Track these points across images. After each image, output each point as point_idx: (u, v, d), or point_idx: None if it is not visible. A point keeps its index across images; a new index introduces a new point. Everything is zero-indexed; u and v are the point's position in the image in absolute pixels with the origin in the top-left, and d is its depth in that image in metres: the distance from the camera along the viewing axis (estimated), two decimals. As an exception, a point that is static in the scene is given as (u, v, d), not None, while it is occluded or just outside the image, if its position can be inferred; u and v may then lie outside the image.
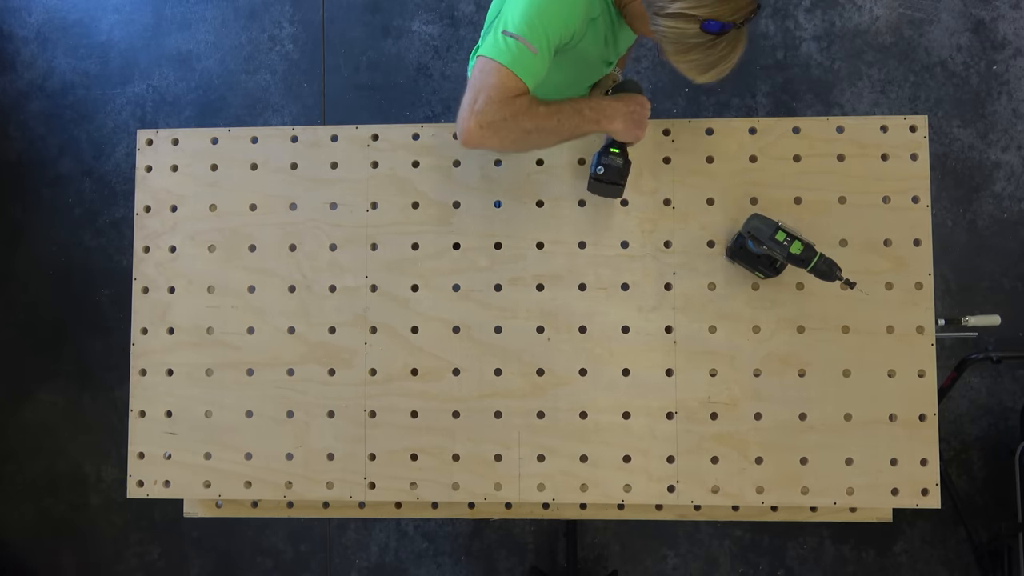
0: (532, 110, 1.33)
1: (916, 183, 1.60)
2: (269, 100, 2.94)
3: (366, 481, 1.64)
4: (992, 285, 2.71)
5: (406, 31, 2.93)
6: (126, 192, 2.93)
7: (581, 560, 2.69)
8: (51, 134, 2.98)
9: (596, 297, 1.63)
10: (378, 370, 1.65)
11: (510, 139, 1.33)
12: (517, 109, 1.31)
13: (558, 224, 1.64)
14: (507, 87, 1.29)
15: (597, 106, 1.42)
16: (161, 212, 1.72)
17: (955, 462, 2.66)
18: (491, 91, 1.29)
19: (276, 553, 2.77)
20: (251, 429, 1.66)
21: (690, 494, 1.59)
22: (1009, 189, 2.74)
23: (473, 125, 1.29)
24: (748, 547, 2.67)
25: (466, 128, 1.30)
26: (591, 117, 1.41)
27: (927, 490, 1.57)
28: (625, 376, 1.61)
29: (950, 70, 2.79)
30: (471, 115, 1.29)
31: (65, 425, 2.87)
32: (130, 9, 3.01)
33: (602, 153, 1.49)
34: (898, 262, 1.58)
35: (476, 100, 1.29)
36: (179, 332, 1.69)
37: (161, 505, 2.76)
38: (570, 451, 1.61)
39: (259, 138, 1.71)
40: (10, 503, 2.86)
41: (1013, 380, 2.68)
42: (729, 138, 1.62)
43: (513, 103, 1.30)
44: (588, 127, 1.42)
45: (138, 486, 1.69)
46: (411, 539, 2.74)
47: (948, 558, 2.64)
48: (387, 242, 1.67)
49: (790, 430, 1.58)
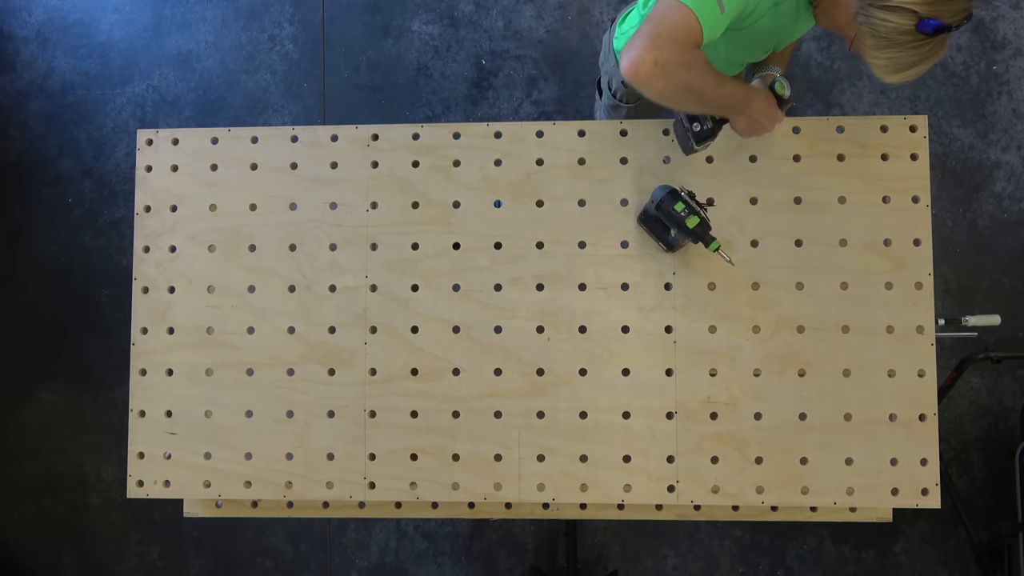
0: (705, 69, 1.29)
1: (916, 183, 1.60)
2: (269, 100, 2.94)
3: (366, 481, 1.64)
4: (992, 285, 2.71)
5: (406, 31, 2.93)
6: (126, 192, 2.93)
7: (581, 560, 2.69)
8: (51, 134, 2.98)
9: (596, 297, 1.63)
10: (378, 370, 1.65)
11: (672, 88, 1.28)
12: (693, 60, 1.26)
13: (558, 224, 1.64)
14: (693, 33, 1.25)
15: (747, 99, 1.41)
16: (161, 212, 1.72)
17: (955, 462, 2.66)
18: (678, 31, 1.24)
19: (276, 553, 2.77)
20: (251, 429, 1.66)
21: (690, 494, 1.59)
22: (1009, 189, 2.74)
23: (649, 59, 1.23)
24: (748, 547, 2.66)
25: (640, 59, 1.23)
26: (735, 106, 1.40)
27: (927, 490, 1.57)
28: (625, 376, 1.61)
29: (950, 70, 2.79)
30: (651, 48, 1.23)
31: (65, 425, 2.87)
32: (130, 9, 3.01)
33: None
34: (898, 262, 1.58)
35: (659, 35, 1.23)
36: (179, 332, 1.69)
37: (161, 505, 2.76)
38: (570, 451, 1.61)
39: (259, 138, 1.71)
40: (10, 503, 2.86)
41: (1013, 380, 2.68)
42: (729, 138, 1.62)
43: (694, 52, 1.26)
44: (726, 112, 1.42)
45: (138, 486, 1.69)
46: (411, 539, 2.74)
47: (948, 558, 2.64)
48: (387, 242, 1.67)
49: (790, 430, 1.58)
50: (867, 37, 1.26)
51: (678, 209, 1.47)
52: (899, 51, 1.25)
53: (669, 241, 1.56)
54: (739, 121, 1.45)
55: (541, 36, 2.90)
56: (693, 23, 1.24)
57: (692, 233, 1.47)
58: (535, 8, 2.91)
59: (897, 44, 1.24)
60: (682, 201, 1.47)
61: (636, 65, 1.25)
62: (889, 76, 1.30)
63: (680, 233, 1.49)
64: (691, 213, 1.46)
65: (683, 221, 1.46)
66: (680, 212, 1.46)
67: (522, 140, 1.66)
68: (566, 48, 2.89)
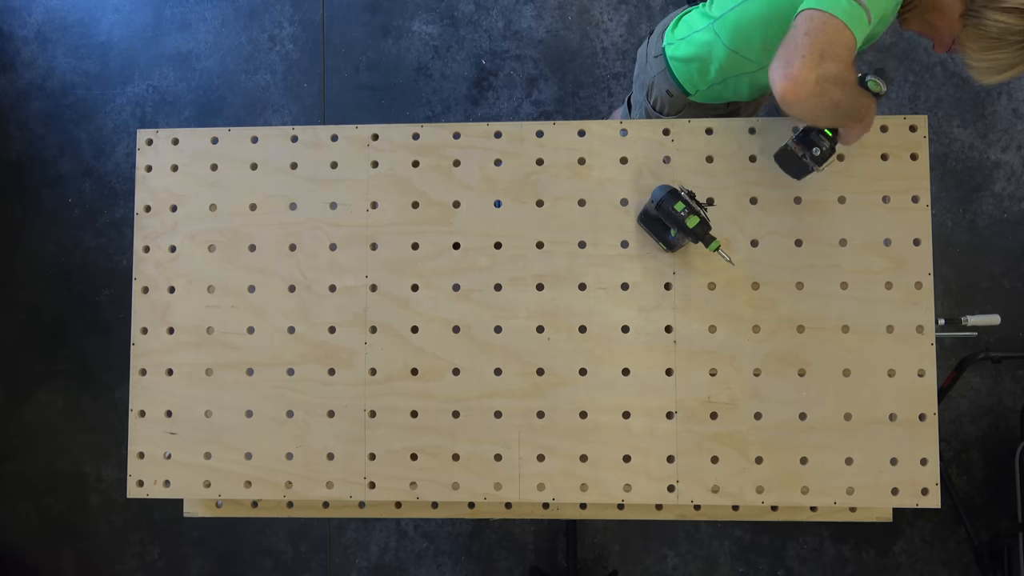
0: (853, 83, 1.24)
1: (916, 183, 1.60)
2: (269, 100, 2.94)
3: (366, 481, 1.64)
4: (992, 285, 2.71)
5: (406, 31, 2.93)
6: (126, 192, 2.93)
7: (581, 560, 2.69)
8: (51, 134, 2.98)
9: (596, 297, 1.63)
10: (378, 370, 1.65)
11: (822, 106, 1.22)
12: (848, 78, 1.21)
13: (558, 224, 1.64)
14: (852, 49, 1.19)
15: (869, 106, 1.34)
16: (161, 212, 1.72)
17: (955, 462, 2.66)
18: (839, 49, 1.17)
19: (276, 553, 2.77)
20: (251, 429, 1.66)
21: (690, 494, 1.59)
22: (1009, 189, 2.74)
23: (812, 79, 1.16)
24: (748, 547, 2.67)
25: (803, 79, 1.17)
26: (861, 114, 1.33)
27: (927, 490, 1.57)
28: (625, 376, 1.61)
29: (950, 70, 2.79)
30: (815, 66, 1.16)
31: (65, 425, 2.87)
32: (130, 9, 3.01)
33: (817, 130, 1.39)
34: (898, 262, 1.58)
35: (823, 54, 1.16)
36: (179, 332, 1.69)
37: (161, 505, 2.76)
38: (570, 451, 1.61)
39: (259, 138, 1.71)
40: (10, 503, 2.86)
41: (1013, 380, 2.68)
42: (729, 138, 1.62)
43: (850, 70, 1.20)
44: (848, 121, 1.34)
45: (138, 486, 1.69)
46: (411, 539, 2.74)
47: (948, 558, 2.64)
48: (387, 242, 1.67)
49: (790, 430, 1.58)
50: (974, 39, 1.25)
51: (678, 209, 1.46)
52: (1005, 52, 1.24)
53: (669, 241, 1.56)
54: (856, 130, 1.36)
55: (541, 36, 2.90)
56: (851, 40, 1.19)
57: (692, 233, 1.47)
58: (535, 8, 2.91)
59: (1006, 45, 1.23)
60: (682, 201, 1.47)
61: (796, 84, 1.18)
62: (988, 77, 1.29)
63: (680, 233, 1.49)
64: (691, 213, 1.46)
65: (683, 221, 1.46)
66: (680, 212, 1.46)
67: (522, 140, 1.66)
68: (566, 48, 2.89)
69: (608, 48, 2.89)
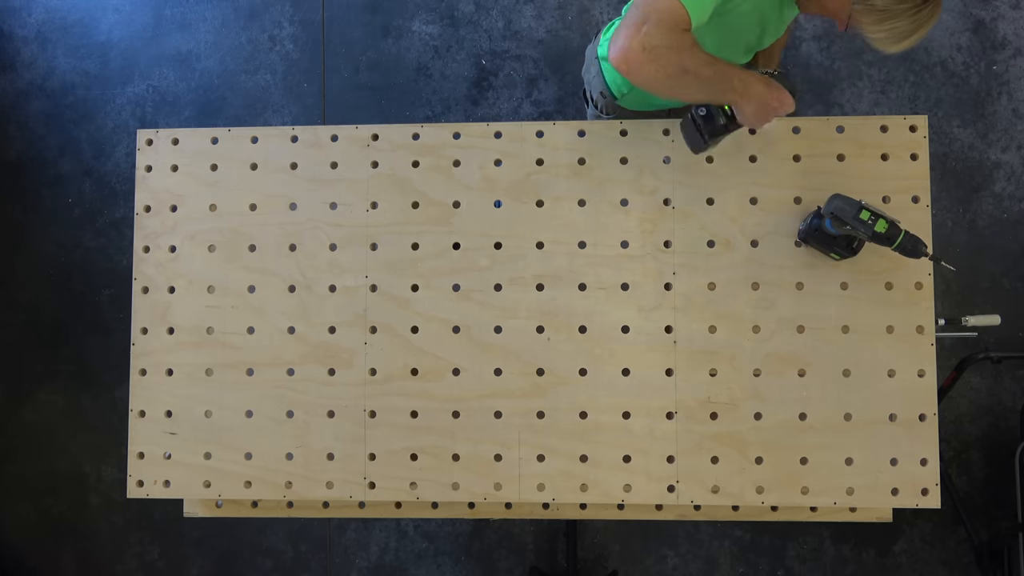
0: (694, 50, 1.27)
1: (916, 183, 1.60)
2: (269, 100, 2.94)
3: (366, 481, 1.64)
4: (992, 285, 2.71)
5: (406, 31, 2.93)
6: (126, 192, 2.93)
7: (581, 560, 2.68)
8: (51, 134, 2.98)
9: (596, 297, 1.63)
10: (378, 370, 1.65)
11: (665, 72, 1.26)
12: (682, 42, 1.25)
13: (558, 224, 1.64)
14: (677, 16, 1.24)
15: (746, 80, 1.35)
16: (161, 212, 1.72)
17: (955, 462, 2.66)
18: (662, 15, 1.23)
19: (276, 553, 2.77)
20: (251, 429, 1.66)
21: (690, 494, 1.59)
22: (1009, 189, 2.74)
23: (636, 45, 1.23)
24: (748, 547, 2.66)
25: (627, 47, 1.24)
26: (737, 87, 1.34)
27: (927, 490, 1.57)
28: (625, 376, 1.61)
29: (950, 70, 2.79)
30: (636, 34, 1.23)
31: (65, 425, 2.87)
32: (130, 9, 3.01)
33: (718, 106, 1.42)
34: (898, 262, 1.58)
35: (645, 21, 1.23)
36: (179, 332, 1.69)
37: (161, 505, 2.76)
38: (570, 451, 1.61)
39: (259, 138, 1.71)
40: (10, 503, 2.86)
41: (1013, 380, 2.68)
42: (729, 138, 1.62)
43: (680, 35, 1.25)
44: (728, 96, 1.36)
45: (138, 486, 1.69)
46: (411, 539, 2.74)
47: (948, 558, 2.64)
48: (387, 242, 1.67)
49: (790, 430, 1.58)
50: (865, 14, 1.28)
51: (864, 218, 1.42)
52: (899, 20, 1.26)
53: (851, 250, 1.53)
54: (747, 108, 1.37)
55: (541, 36, 2.90)
56: (678, 8, 1.24)
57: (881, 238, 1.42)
58: (535, 8, 2.91)
59: (896, 14, 1.26)
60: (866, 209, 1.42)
61: (623, 52, 1.24)
62: (891, 47, 1.31)
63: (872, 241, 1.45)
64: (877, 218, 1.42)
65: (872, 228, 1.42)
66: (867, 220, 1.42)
67: (522, 140, 1.66)
68: (566, 48, 2.89)
69: (608, 48, 2.88)
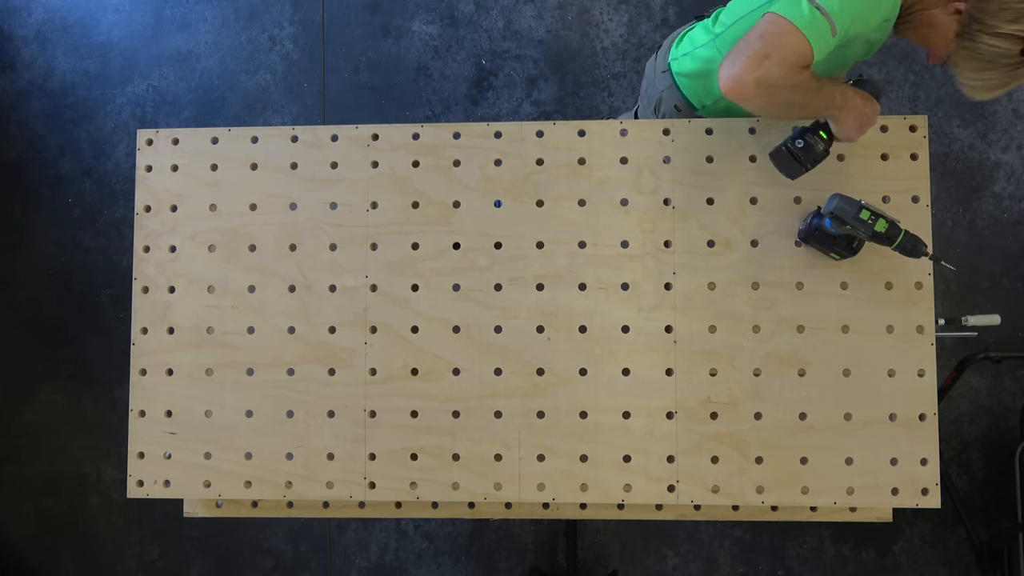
0: (807, 85, 1.29)
1: (916, 183, 1.60)
2: (269, 100, 2.94)
3: (366, 481, 1.64)
4: (992, 285, 2.71)
5: (406, 31, 2.93)
6: (126, 192, 2.93)
7: (581, 560, 2.69)
8: (51, 134, 2.98)
9: (596, 297, 1.63)
10: (378, 370, 1.65)
11: (773, 103, 1.29)
12: (798, 81, 1.27)
13: (558, 224, 1.64)
14: (801, 55, 1.24)
15: (845, 95, 1.38)
16: (161, 212, 1.72)
17: (955, 462, 2.66)
18: (786, 54, 1.23)
19: (276, 553, 2.77)
20: (251, 429, 1.66)
21: (690, 494, 1.59)
22: (1009, 189, 2.74)
23: (752, 80, 1.24)
24: (748, 547, 2.67)
25: (743, 80, 1.24)
26: (838, 103, 1.37)
27: (927, 490, 1.57)
28: (625, 376, 1.61)
29: (950, 70, 2.79)
30: (756, 69, 1.23)
31: (65, 425, 2.87)
32: (130, 9, 3.01)
33: (809, 130, 1.44)
34: (898, 262, 1.58)
35: (767, 56, 1.23)
36: (179, 332, 1.69)
37: (161, 505, 2.76)
38: (570, 451, 1.61)
39: (259, 138, 1.71)
40: (10, 503, 2.86)
41: (1013, 380, 2.68)
42: (729, 138, 1.62)
43: (800, 74, 1.26)
44: (830, 112, 1.38)
45: (138, 486, 1.69)
46: (411, 539, 2.74)
47: (948, 558, 2.64)
48: (387, 242, 1.67)
49: (790, 430, 1.58)
50: (967, 60, 1.30)
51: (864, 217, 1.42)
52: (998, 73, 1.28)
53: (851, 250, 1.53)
54: (848, 120, 1.39)
55: (541, 36, 2.90)
56: (805, 48, 1.24)
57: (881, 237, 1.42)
58: (535, 8, 2.91)
59: (998, 67, 1.27)
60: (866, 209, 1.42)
61: (737, 84, 1.25)
62: (978, 94, 1.34)
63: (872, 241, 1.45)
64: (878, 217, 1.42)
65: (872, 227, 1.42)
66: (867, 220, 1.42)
67: (522, 140, 1.66)
68: (566, 48, 2.89)
69: (608, 48, 2.89)
